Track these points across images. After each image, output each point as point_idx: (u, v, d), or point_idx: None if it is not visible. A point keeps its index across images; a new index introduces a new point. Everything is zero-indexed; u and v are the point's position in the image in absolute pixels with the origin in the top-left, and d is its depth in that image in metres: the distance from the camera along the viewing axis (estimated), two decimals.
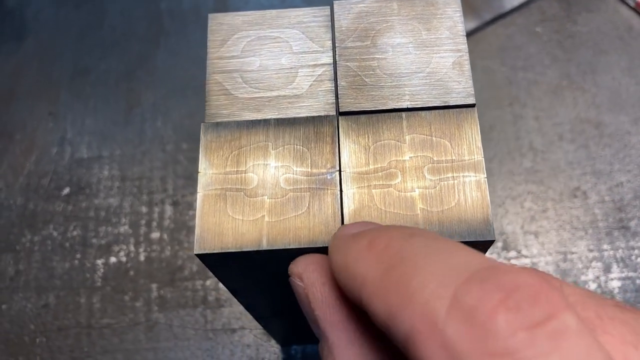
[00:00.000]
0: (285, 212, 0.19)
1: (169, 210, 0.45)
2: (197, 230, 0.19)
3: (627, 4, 0.50)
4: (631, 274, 0.41)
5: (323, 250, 0.19)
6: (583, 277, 0.41)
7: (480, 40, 0.50)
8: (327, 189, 0.20)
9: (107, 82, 0.51)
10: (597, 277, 0.41)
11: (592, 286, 0.40)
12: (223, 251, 0.19)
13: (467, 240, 0.19)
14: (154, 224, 0.44)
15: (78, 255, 0.43)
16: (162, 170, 0.46)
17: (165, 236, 0.44)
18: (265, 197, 0.20)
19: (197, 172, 0.45)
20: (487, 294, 0.12)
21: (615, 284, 0.40)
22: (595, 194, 0.43)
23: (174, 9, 0.53)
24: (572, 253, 0.42)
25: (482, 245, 0.19)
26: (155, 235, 0.44)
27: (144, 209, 0.45)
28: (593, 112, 0.46)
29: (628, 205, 0.43)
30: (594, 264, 0.41)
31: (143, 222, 0.44)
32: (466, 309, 0.12)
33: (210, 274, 0.42)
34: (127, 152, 0.47)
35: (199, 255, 0.19)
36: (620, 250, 0.41)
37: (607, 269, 0.41)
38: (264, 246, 0.19)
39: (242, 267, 0.20)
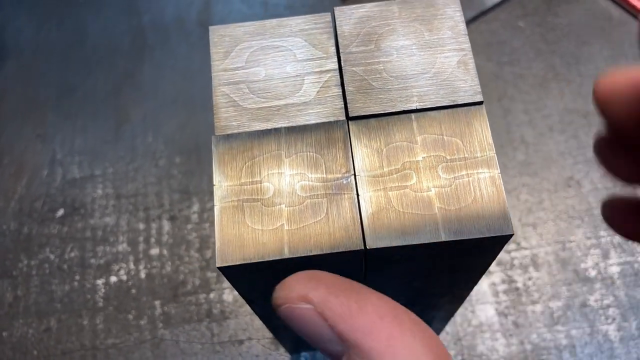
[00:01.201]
0: (304, 219, 0.19)
1: (166, 225, 0.44)
2: (217, 244, 0.19)
3: None
4: (629, 258, 0.41)
5: (346, 255, 0.19)
6: (583, 265, 0.41)
7: None
8: (344, 193, 0.20)
9: (94, 100, 0.50)
10: (597, 264, 0.41)
11: (593, 273, 0.41)
12: (246, 262, 0.19)
13: (486, 235, 0.19)
14: (153, 240, 0.44)
15: (77, 277, 0.43)
16: (157, 186, 0.46)
17: (164, 252, 0.43)
18: (283, 206, 0.19)
19: (192, 185, 0.45)
20: None
21: (614, 269, 0.41)
22: (589, 182, 0.44)
23: (156, 22, 0.53)
24: (571, 242, 0.42)
25: (501, 240, 0.19)
26: (154, 251, 0.43)
27: (141, 226, 0.44)
28: (580, 102, 0.47)
29: (621, 191, 0.43)
30: (592, 251, 0.42)
31: (141, 238, 0.44)
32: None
33: (213, 286, 0.42)
34: (119, 170, 0.47)
35: (221, 269, 0.19)
36: (617, 236, 0.42)
37: (605, 255, 0.42)
38: (286, 254, 0.19)
39: (262, 276, 0.20)
